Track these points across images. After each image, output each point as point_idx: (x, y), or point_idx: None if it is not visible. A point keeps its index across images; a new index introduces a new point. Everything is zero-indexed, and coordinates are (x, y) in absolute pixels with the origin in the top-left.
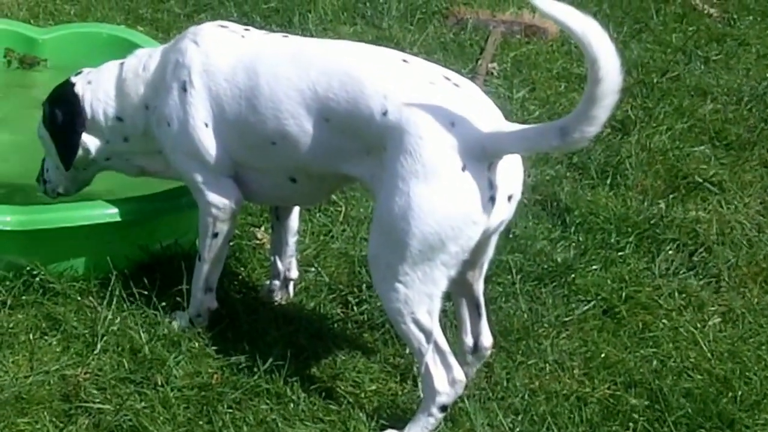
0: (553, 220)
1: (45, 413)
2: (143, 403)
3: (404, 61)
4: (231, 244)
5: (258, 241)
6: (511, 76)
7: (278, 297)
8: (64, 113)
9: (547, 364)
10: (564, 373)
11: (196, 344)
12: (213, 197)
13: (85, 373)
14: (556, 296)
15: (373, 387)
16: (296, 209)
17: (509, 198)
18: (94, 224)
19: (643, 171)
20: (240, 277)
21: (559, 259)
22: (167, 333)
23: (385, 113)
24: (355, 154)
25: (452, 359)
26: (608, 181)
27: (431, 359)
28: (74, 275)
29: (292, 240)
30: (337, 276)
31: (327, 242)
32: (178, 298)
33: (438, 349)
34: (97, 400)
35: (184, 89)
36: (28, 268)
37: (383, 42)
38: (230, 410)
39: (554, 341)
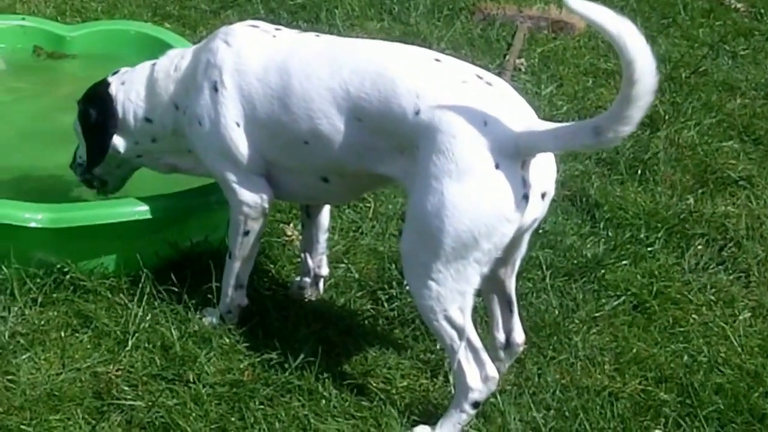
0: (583, 215)
1: (77, 410)
2: (175, 400)
3: (436, 60)
4: (260, 240)
5: (287, 238)
6: (538, 71)
7: (308, 294)
8: (97, 114)
9: (578, 360)
10: (595, 368)
11: (227, 341)
12: (244, 196)
13: (117, 370)
14: (586, 291)
15: (405, 383)
16: (327, 206)
17: (543, 196)
18: (124, 222)
19: (671, 166)
20: (269, 273)
21: (588, 255)
22: (198, 330)
23: (417, 112)
24: (387, 154)
25: (485, 356)
26: (637, 177)
27: (464, 356)
28: (104, 272)
29: (322, 237)
30: (366, 272)
31: (356, 238)
32: (208, 295)
33: (470, 346)
34: (129, 397)
35: (215, 89)
36: (58, 266)
37: (410, 38)
38: (262, 407)
39: (585, 336)
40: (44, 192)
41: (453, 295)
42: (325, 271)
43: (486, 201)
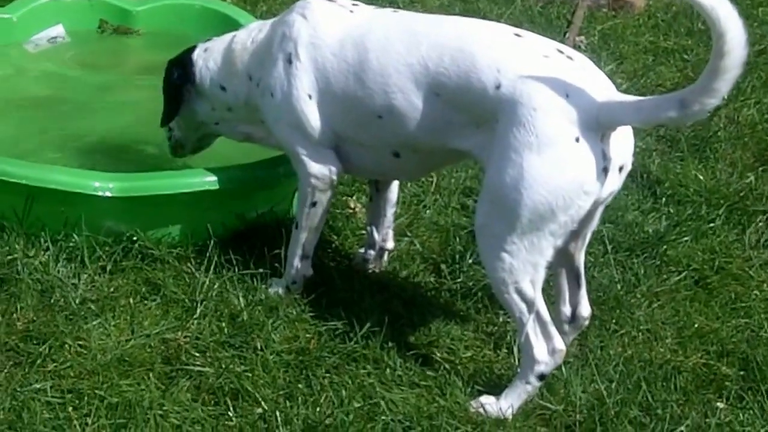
0: (644, 191)
1: (148, 375)
2: (243, 367)
3: (517, 35)
4: None
5: (350, 210)
6: (598, 49)
7: (372, 266)
8: (177, 76)
9: (641, 333)
10: (657, 342)
11: (293, 311)
12: (313, 168)
13: (185, 337)
14: (648, 267)
15: (468, 354)
16: (396, 181)
17: (621, 169)
18: (192, 192)
19: (731, 144)
20: (333, 245)
21: (650, 230)
22: (264, 299)
23: (498, 87)
24: (463, 128)
25: (553, 329)
26: (698, 154)
27: (532, 329)
28: (172, 242)
29: (390, 211)
30: (429, 245)
31: (419, 212)
32: (275, 264)
33: (539, 319)
34: (198, 363)
35: (289, 61)
36: (127, 235)
37: (470, 15)
38: (328, 374)
39: (647, 311)
40: (113, 162)
41: (526, 268)
42: (390, 244)
43: (566, 173)
